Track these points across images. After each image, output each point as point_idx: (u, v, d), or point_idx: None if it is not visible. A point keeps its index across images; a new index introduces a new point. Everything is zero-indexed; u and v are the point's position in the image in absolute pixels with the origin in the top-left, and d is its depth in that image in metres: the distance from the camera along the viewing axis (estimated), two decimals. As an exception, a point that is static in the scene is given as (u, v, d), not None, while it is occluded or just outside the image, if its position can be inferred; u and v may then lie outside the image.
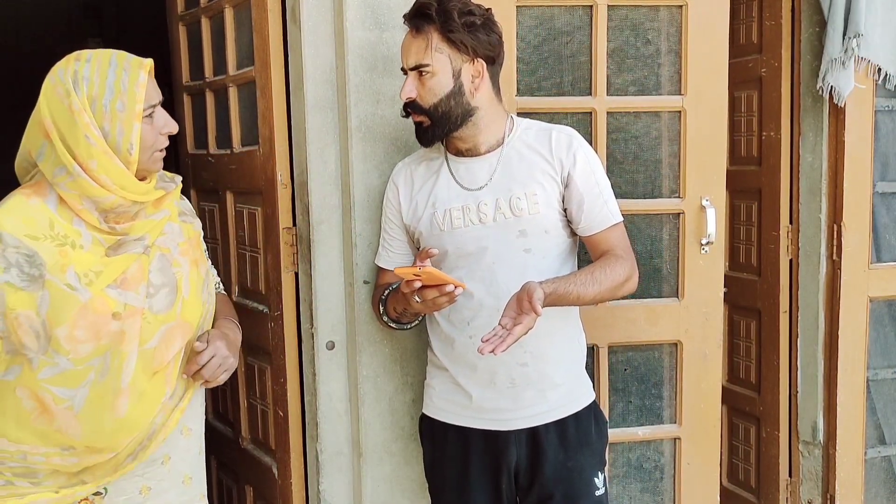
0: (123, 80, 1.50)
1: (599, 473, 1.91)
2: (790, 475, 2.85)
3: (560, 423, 1.87)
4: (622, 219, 1.88)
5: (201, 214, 2.56)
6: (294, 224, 2.15)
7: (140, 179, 1.58)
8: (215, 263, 2.44)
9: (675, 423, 2.36)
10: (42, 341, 1.48)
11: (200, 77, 2.51)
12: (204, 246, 1.87)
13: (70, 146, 1.48)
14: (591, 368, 2.30)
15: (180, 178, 1.74)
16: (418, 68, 1.76)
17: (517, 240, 1.81)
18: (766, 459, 2.90)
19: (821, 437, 2.74)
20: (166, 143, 1.60)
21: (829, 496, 2.75)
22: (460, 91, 1.78)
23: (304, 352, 2.18)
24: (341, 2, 2.01)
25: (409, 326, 1.96)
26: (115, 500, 1.63)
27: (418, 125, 1.82)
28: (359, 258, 2.07)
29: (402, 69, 1.81)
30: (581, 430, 1.89)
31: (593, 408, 1.95)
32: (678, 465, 2.37)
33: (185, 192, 2.58)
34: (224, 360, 1.63)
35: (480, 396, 1.86)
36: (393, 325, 1.93)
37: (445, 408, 1.93)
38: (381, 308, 1.91)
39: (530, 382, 1.85)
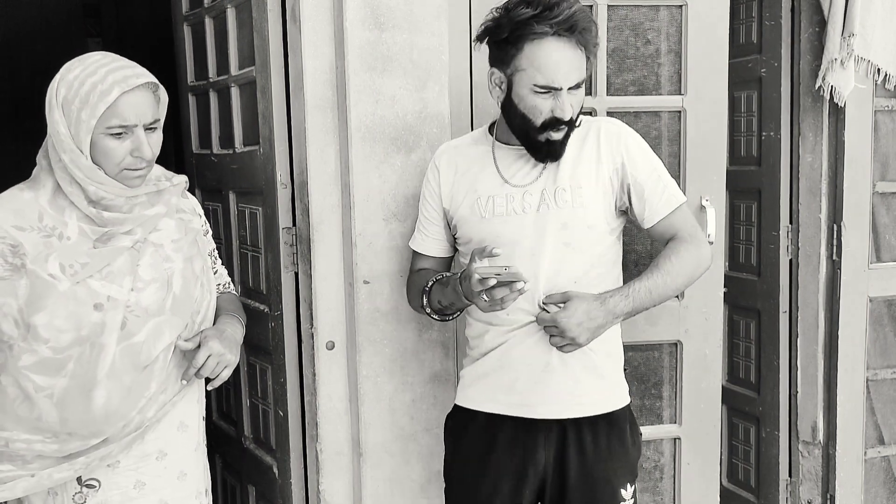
0: (93, 93, 1.51)
1: (628, 485, 1.84)
2: (790, 475, 2.86)
3: (592, 423, 1.80)
4: (685, 199, 1.84)
5: (206, 214, 2.56)
6: (294, 224, 2.15)
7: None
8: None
9: (675, 423, 2.36)
10: (21, 329, 1.52)
11: (205, 77, 2.52)
12: (211, 245, 1.87)
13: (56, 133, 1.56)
14: (591, 368, 2.30)
15: (184, 177, 1.75)
16: (577, 85, 1.68)
17: (558, 232, 1.76)
18: (765, 459, 2.90)
19: (821, 437, 2.74)
20: (139, 164, 1.58)
21: (828, 496, 2.76)
22: None
23: (304, 352, 2.18)
24: (341, 2, 2.01)
25: (451, 318, 1.88)
26: (109, 494, 1.64)
27: (556, 143, 1.71)
28: (359, 258, 2.07)
29: (548, 87, 1.66)
30: (614, 435, 1.82)
31: (629, 413, 1.87)
32: (678, 465, 2.37)
33: (189, 191, 2.62)
34: (220, 356, 1.63)
35: (513, 378, 1.80)
36: (435, 316, 1.84)
37: (475, 396, 1.86)
38: (425, 299, 1.81)
39: (564, 371, 1.78)
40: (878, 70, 2.54)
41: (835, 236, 2.66)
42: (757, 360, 2.92)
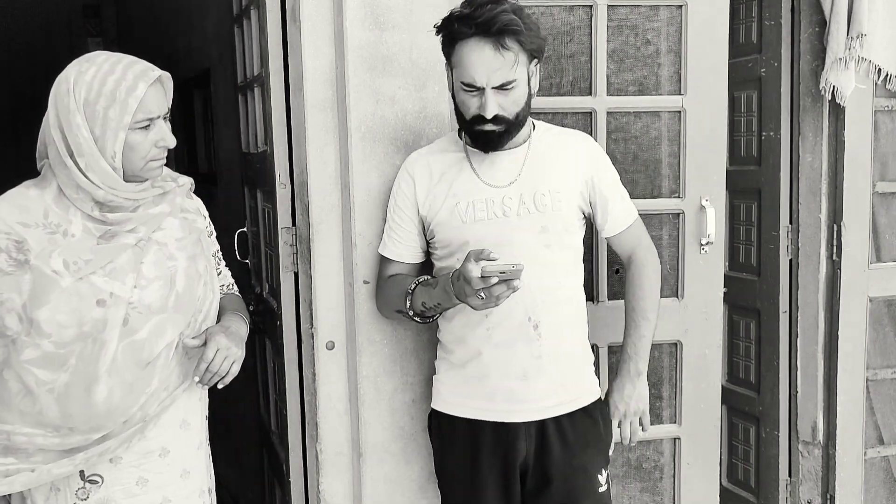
0: (119, 90, 1.53)
1: (603, 471, 1.95)
2: (790, 475, 2.86)
3: (569, 417, 1.90)
4: (637, 214, 2.01)
5: (251, 212, 2.60)
6: (294, 224, 2.15)
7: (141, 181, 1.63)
8: (255, 261, 2.47)
9: (674, 422, 2.36)
10: (24, 324, 1.54)
11: (245, 77, 2.58)
12: (215, 247, 1.89)
13: (67, 140, 1.55)
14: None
15: (189, 179, 1.78)
16: (503, 86, 1.73)
17: (539, 235, 1.85)
18: (765, 459, 2.91)
19: (820, 437, 2.74)
20: (162, 154, 1.63)
21: (828, 496, 2.76)
22: (531, 95, 1.81)
23: (304, 352, 2.18)
24: (341, 2, 2.01)
25: (430, 320, 1.91)
26: (112, 490, 1.66)
27: (489, 133, 1.78)
28: (359, 258, 2.07)
29: (471, 85, 1.74)
30: (588, 426, 1.93)
31: (599, 405, 1.98)
32: (678, 464, 2.37)
33: (239, 188, 2.71)
34: (227, 350, 1.65)
35: (493, 388, 1.87)
36: (417, 319, 1.88)
37: (454, 401, 1.93)
38: (408, 301, 1.85)
39: (542, 375, 1.87)
40: (879, 70, 2.54)
41: (835, 236, 2.66)
42: (757, 360, 2.92)
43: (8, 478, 1.57)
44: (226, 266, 1.95)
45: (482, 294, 1.61)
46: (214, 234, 1.89)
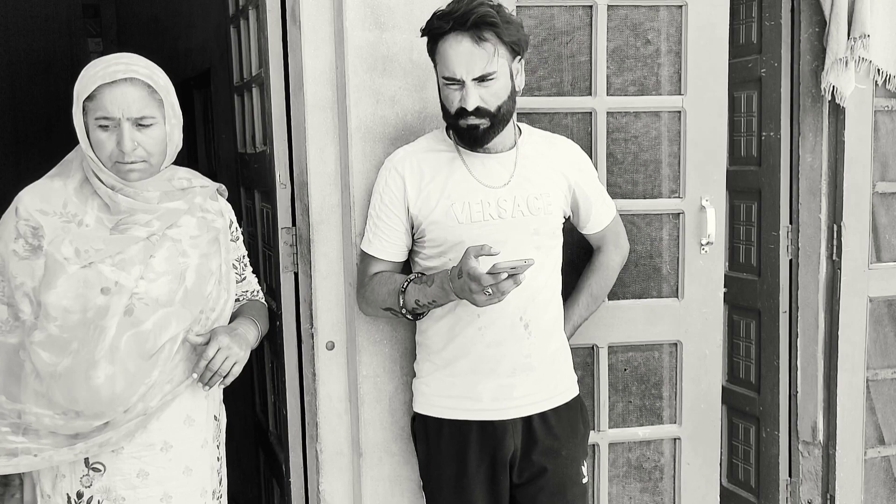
0: (81, 86, 1.62)
1: (584, 462, 2.02)
2: (790, 475, 2.86)
3: (554, 412, 1.95)
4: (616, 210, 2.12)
5: (247, 213, 2.60)
6: (294, 224, 2.15)
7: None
8: (253, 261, 2.48)
9: (674, 423, 2.36)
10: (34, 306, 1.61)
11: (241, 78, 2.59)
12: (241, 252, 1.91)
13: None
14: (592, 368, 2.30)
15: (214, 184, 1.82)
16: (483, 78, 1.75)
17: (531, 237, 1.89)
18: (765, 459, 2.91)
19: (821, 437, 2.74)
20: (128, 159, 1.63)
21: (828, 496, 2.76)
22: (514, 90, 1.82)
23: (304, 352, 2.18)
24: (341, 2, 2.01)
25: (422, 317, 1.91)
26: (113, 479, 1.69)
27: (473, 128, 1.79)
28: (358, 258, 2.07)
29: (452, 79, 1.76)
30: (571, 420, 1.99)
31: (579, 400, 2.05)
32: (678, 465, 2.37)
33: (235, 189, 2.68)
34: (228, 350, 1.66)
35: (481, 388, 1.89)
36: (409, 316, 1.88)
37: (440, 403, 1.94)
38: (401, 299, 1.85)
39: (530, 373, 1.91)
40: (879, 70, 2.54)
41: (835, 236, 2.66)
42: (757, 360, 2.92)
43: (14, 458, 1.62)
44: (252, 272, 1.96)
45: (489, 290, 1.63)
46: (241, 238, 1.91)
